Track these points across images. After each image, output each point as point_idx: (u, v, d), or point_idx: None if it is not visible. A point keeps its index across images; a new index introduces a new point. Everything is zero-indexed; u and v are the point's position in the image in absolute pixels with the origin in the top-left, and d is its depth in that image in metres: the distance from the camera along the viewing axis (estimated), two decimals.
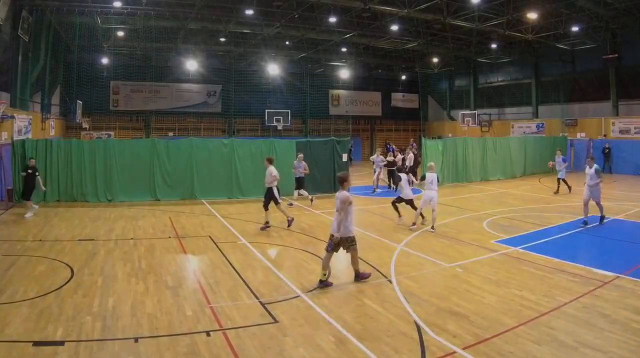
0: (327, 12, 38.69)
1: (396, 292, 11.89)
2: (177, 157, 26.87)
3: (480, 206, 25.05)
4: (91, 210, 23.35)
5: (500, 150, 37.74)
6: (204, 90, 57.49)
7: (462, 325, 9.80)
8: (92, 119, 50.91)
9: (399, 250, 16.07)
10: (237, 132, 57.52)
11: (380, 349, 8.77)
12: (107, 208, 24.13)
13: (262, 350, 8.79)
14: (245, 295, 11.74)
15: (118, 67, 51.62)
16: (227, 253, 15.65)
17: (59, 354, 8.48)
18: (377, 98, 65.64)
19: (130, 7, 35.62)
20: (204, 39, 49.43)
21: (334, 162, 28.91)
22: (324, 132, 60.24)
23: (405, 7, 34.94)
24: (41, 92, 39.28)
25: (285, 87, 58.81)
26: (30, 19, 32.99)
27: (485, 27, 39.62)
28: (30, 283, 12.24)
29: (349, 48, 52.06)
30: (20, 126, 30.35)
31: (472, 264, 14.33)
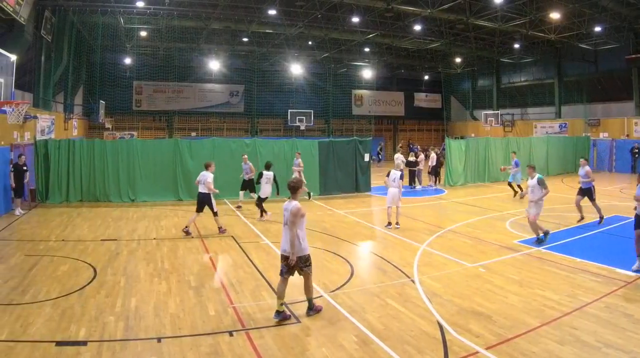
0: (350, 12, 38.70)
1: (419, 291, 11.88)
2: (199, 157, 26.75)
3: (502, 206, 25.02)
4: (114, 210, 23.45)
5: (523, 150, 37.43)
6: (227, 90, 57.58)
7: (484, 325, 9.79)
8: (114, 119, 51.00)
9: (421, 250, 16.03)
10: (259, 132, 57.55)
11: (403, 349, 8.76)
12: (130, 208, 24.23)
13: (284, 350, 8.80)
14: (268, 295, 11.77)
15: (141, 67, 51.69)
16: (250, 253, 15.70)
17: (82, 354, 8.53)
18: (400, 98, 65.47)
19: (153, 7, 35.72)
20: (227, 39, 49.56)
21: (356, 162, 28.90)
22: (347, 132, 60.22)
23: (428, 7, 34.90)
24: (64, 92, 39.43)
25: (308, 87, 58.87)
26: (53, 19, 33.15)
27: (508, 27, 39.49)
28: (53, 283, 12.30)
29: (372, 48, 52.03)
30: (43, 126, 30.41)
31: (495, 264, 14.31)
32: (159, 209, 23.52)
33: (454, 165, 33.13)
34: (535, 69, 54.51)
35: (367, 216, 22.67)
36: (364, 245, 17.26)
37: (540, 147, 39.45)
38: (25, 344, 8.84)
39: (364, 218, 21.65)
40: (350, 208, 22.92)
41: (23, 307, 10.63)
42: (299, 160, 25.58)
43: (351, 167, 28.87)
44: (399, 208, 20.06)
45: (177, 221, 21.27)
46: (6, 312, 10.37)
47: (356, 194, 28.09)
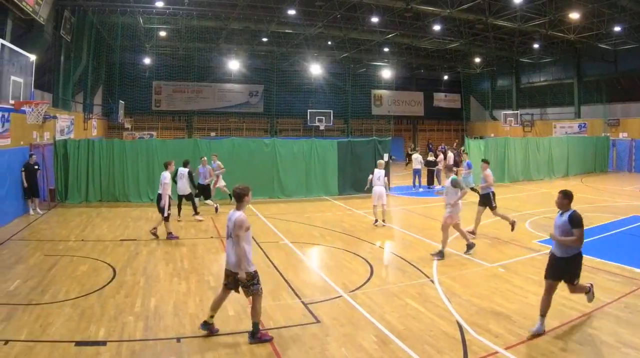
0: (369, 12, 38.66)
1: (438, 291, 11.91)
2: (219, 157, 26.48)
3: (522, 206, 24.96)
4: (133, 210, 23.53)
5: (542, 150, 37.44)
6: (246, 90, 57.61)
7: (504, 325, 9.81)
8: (134, 119, 51.35)
9: None
10: (279, 132, 57.57)
11: (422, 349, 8.79)
12: (149, 208, 24.17)
13: (304, 350, 8.86)
14: (288, 295, 11.82)
15: (160, 67, 51.88)
16: (269, 254, 15.71)
17: (101, 354, 8.60)
18: (420, 98, 65.35)
19: (172, 7, 35.82)
20: (246, 39, 49.59)
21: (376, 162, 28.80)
22: (366, 132, 60.01)
23: (447, 7, 34.90)
24: (83, 92, 39.59)
25: (328, 87, 58.83)
26: (72, 19, 33.30)
27: (527, 27, 39.41)
28: (73, 283, 12.38)
29: (391, 48, 52.03)
30: (62, 126, 30.44)
31: (514, 264, 14.33)
32: (199, 204, 23.57)
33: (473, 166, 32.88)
34: (554, 69, 54.27)
35: (387, 216, 22.68)
36: (384, 245, 17.26)
37: (559, 147, 39.23)
38: (44, 344, 8.91)
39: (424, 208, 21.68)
40: (370, 208, 22.92)
41: (42, 307, 10.70)
42: (217, 163, 24.35)
43: (371, 167, 28.73)
44: (385, 206, 20.28)
45: (195, 221, 21.30)
46: (26, 312, 10.46)
47: None
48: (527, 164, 36.34)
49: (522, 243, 16.90)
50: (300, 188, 27.48)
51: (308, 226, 20.08)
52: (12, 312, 10.41)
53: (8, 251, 15.40)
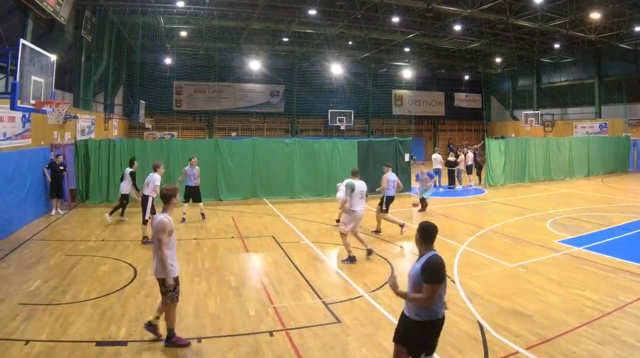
0: (390, 12, 38.56)
1: (459, 291, 11.89)
2: (239, 157, 27.04)
3: (543, 206, 24.81)
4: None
5: (563, 151, 37.35)
6: (267, 90, 57.67)
7: (524, 325, 9.79)
8: (155, 119, 51.45)
9: (461, 250, 16.06)
10: (300, 132, 57.57)
11: (443, 349, 8.74)
12: None
13: (324, 350, 8.88)
14: (308, 295, 11.83)
15: (181, 67, 51.96)
16: (290, 253, 15.74)
17: (122, 354, 8.66)
18: (440, 98, 65.12)
19: (193, 7, 35.88)
20: (267, 39, 49.62)
21: (397, 162, 28.85)
22: (387, 132, 59.98)
23: (468, 7, 34.79)
24: (104, 92, 39.68)
25: (348, 87, 58.68)
26: (93, 19, 33.42)
27: (548, 27, 39.21)
28: (93, 283, 12.44)
29: (412, 48, 51.84)
30: (83, 126, 30.60)
31: (535, 264, 14.27)
32: (199, 209, 23.64)
33: (493, 165, 33.00)
34: (575, 68, 54.01)
35: (407, 216, 22.66)
36: (404, 245, 17.22)
37: (580, 147, 39.09)
38: (65, 344, 8.97)
39: (404, 219, 21.53)
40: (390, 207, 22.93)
41: (63, 307, 10.77)
42: (196, 169, 21.67)
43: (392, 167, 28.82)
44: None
45: (216, 221, 21.37)
46: (46, 311, 10.52)
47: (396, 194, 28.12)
48: (548, 164, 36.27)
49: (543, 244, 16.78)
50: (321, 189, 27.49)
51: (329, 226, 20.09)
52: (33, 312, 10.48)
53: (29, 251, 15.50)
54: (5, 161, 17.93)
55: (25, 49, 13.81)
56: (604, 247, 16.03)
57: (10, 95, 13.30)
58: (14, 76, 13.22)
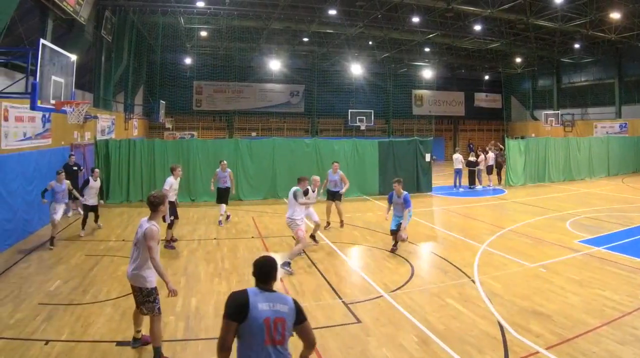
0: (410, 12, 38.56)
1: (479, 292, 11.93)
2: (259, 157, 27.12)
3: (563, 206, 24.75)
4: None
5: (583, 151, 37.24)
6: (287, 90, 57.57)
7: (545, 325, 9.80)
8: (175, 119, 51.70)
9: (482, 250, 16.07)
10: (320, 132, 57.61)
11: (463, 349, 8.83)
12: (190, 208, 24.34)
13: (345, 350, 8.92)
14: (329, 295, 11.88)
15: (201, 67, 52.01)
16: (310, 254, 15.78)
17: (143, 354, 8.75)
18: (460, 98, 64.83)
19: (213, 7, 35.91)
20: (287, 39, 49.62)
21: (417, 162, 28.88)
22: (407, 132, 59.75)
23: (488, 7, 34.75)
24: (124, 92, 39.79)
25: (369, 87, 58.56)
26: (113, 19, 33.53)
27: (568, 27, 39.04)
28: (114, 283, 12.54)
29: (432, 48, 51.81)
30: (103, 126, 30.68)
31: (555, 264, 14.25)
32: (219, 209, 23.71)
33: (513, 166, 32.93)
34: (595, 68, 53.73)
35: (428, 216, 22.65)
36: (425, 245, 17.22)
37: (600, 147, 38.93)
38: (85, 344, 9.06)
39: (425, 218, 21.61)
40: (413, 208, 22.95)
41: (84, 307, 10.86)
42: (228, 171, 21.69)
43: (412, 167, 28.79)
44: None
45: (237, 221, 21.42)
46: (67, 311, 10.62)
47: (417, 194, 28.00)
48: (568, 164, 36.18)
49: (564, 244, 16.77)
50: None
51: (349, 226, 20.05)
52: (53, 312, 10.58)
53: (49, 251, 15.59)
54: (26, 161, 18.04)
55: (45, 49, 13.84)
56: (624, 247, 16.00)
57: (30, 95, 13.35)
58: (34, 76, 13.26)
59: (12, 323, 9.77)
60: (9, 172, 16.53)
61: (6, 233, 16.25)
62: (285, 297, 5.74)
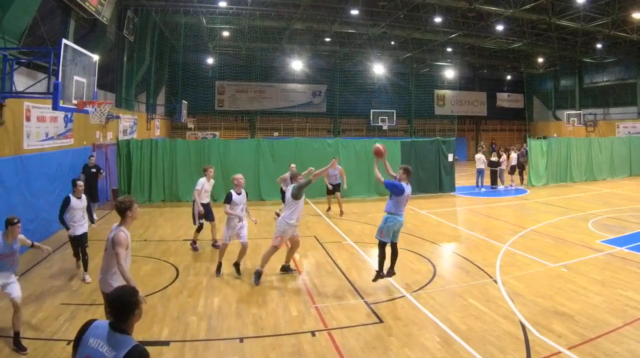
0: (432, 12, 38.56)
1: (501, 291, 11.93)
2: (281, 157, 27.08)
3: (585, 206, 24.70)
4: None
5: (604, 151, 37.15)
6: (309, 90, 57.67)
7: (567, 325, 9.80)
8: (197, 119, 51.70)
9: (504, 250, 16.05)
10: (342, 132, 57.57)
11: (485, 349, 8.84)
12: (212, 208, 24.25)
13: (367, 350, 8.91)
14: (351, 295, 11.89)
15: (223, 67, 52.04)
16: (333, 253, 15.85)
17: (165, 354, 8.79)
18: (483, 98, 64.60)
19: (235, 7, 35.98)
20: (309, 39, 49.70)
21: (440, 162, 28.87)
22: (429, 132, 59.67)
23: (510, 7, 34.69)
24: (146, 92, 40.03)
25: (391, 87, 58.50)
26: (135, 19, 33.70)
27: (590, 27, 38.86)
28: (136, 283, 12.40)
29: (454, 48, 51.72)
30: (125, 126, 30.85)
31: (578, 264, 14.24)
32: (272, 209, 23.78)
33: (535, 166, 32.91)
34: (617, 69, 53.47)
35: (451, 216, 22.64)
36: (447, 245, 17.22)
37: (622, 147, 38.82)
38: None
39: (447, 219, 21.60)
40: (433, 208, 22.86)
41: None
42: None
43: (434, 167, 28.77)
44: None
45: (259, 220, 21.20)
46: (89, 312, 10.68)
47: (440, 194, 27.97)
48: (590, 163, 36.09)
49: (586, 244, 16.75)
50: (362, 189, 27.49)
51: (371, 226, 19.86)
52: (75, 312, 10.67)
53: (71, 251, 15.64)
54: (48, 161, 18.16)
55: (67, 49, 13.86)
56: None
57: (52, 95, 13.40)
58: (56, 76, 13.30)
59: (35, 324, 9.84)
60: (31, 172, 16.62)
61: (28, 233, 16.18)
62: (125, 345, 4.56)
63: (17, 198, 15.52)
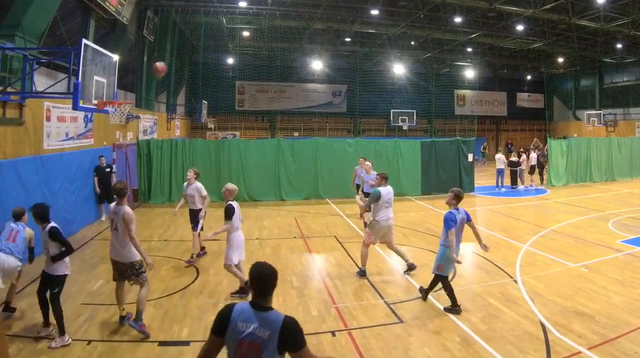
0: (452, 12, 38.51)
1: (521, 292, 11.97)
2: (301, 157, 27.21)
3: (605, 206, 24.66)
4: (215, 211, 22.51)
5: (624, 150, 37.06)
6: (329, 90, 57.65)
7: (587, 325, 9.82)
8: (217, 119, 52.03)
9: (524, 250, 16.08)
10: (362, 132, 57.55)
11: (506, 349, 8.87)
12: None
13: (387, 350, 8.96)
14: (371, 295, 11.94)
15: (243, 67, 52.12)
16: (353, 254, 15.78)
17: (184, 354, 8.86)
18: (503, 98, 64.42)
19: (255, 7, 36.06)
20: (329, 39, 49.65)
21: (460, 162, 28.90)
22: (449, 132, 59.61)
23: (530, 7, 34.60)
24: (166, 92, 40.05)
25: (411, 87, 58.44)
26: (155, 19, 33.79)
27: (610, 27, 38.69)
28: (156, 283, 12.58)
29: (474, 48, 51.61)
30: (145, 126, 30.89)
31: (598, 264, 14.24)
32: (261, 209, 23.73)
33: (555, 166, 32.82)
34: (637, 69, 53.09)
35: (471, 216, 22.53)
36: (467, 245, 17.04)
37: None
38: (127, 344, 9.21)
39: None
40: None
41: (125, 306, 10.81)
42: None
43: (454, 167, 28.77)
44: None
45: (279, 221, 21.52)
46: (109, 311, 10.78)
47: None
48: (610, 164, 36.02)
49: (606, 244, 16.75)
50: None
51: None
52: (95, 312, 10.78)
53: (91, 251, 15.75)
54: (68, 161, 18.29)
55: (87, 49, 13.88)
56: None
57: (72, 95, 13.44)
58: (76, 76, 13.33)
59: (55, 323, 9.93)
60: (51, 172, 16.75)
61: None
62: (275, 320, 4.82)
63: (38, 198, 15.57)
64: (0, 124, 13.62)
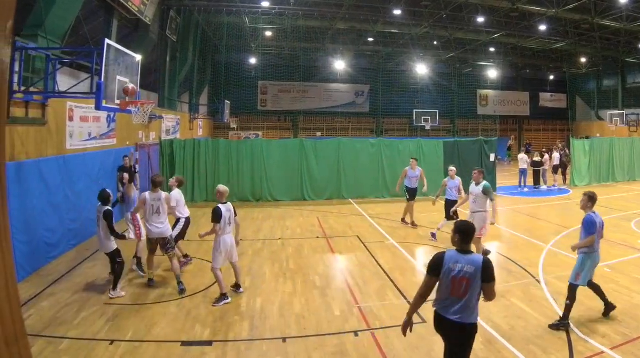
0: (475, 12, 38.54)
1: (544, 291, 12.00)
2: (324, 157, 27.20)
3: (628, 206, 24.60)
4: (238, 210, 23.39)
5: None
6: (352, 90, 57.69)
7: (610, 325, 9.84)
8: (239, 119, 52.11)
9: (546, 250, 16.06)
10: (385, 132, 57.62)
11: (528, 349, 8.90)
12: (255, 208, 24.48)
13: (410, 350, 9.01)
14: (393, 295, 11.98)
15: (266, 67, 52.33)
16: (375, 254, 15.84)
17: (207, 354, 8.90)
18: (525, 98, 64.20)
19: (278, 7, 36.13)
20: (352, 39, 49.76)
21: (482, 162, 28.68)
22: (472, 132, 59.59)
23: (553, 7, 34.56)
24: (189, 92, 40.28)
25: (433, 87, 58.33)
26: (178, 19, 33.99)
27: (633, 27, 38.49)
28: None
29: (497, 48, 51.39)
30: (168, 126, 31.03)
31: (621, 264, 14.25)
32: (284, 209, 23.79)
33: (578, 166, 32.72)
34: None
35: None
36: (490, 245, 17.09)
37: None
38: (150, 344, 9.26)
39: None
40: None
41: (148, 307, 11.12)
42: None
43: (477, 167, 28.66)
44: None
45: (302, 221, 21.55)
46: (132, 312, 10.88)
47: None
48: (633, 163, 35.87)
49: (629, 244, 16.74)
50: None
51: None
52: (118, 312, 10.85)
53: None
54: (91, 161, 18.37)
55: (110, 49, 13.93)
56: None
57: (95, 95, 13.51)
58: (99, 76, 13.40)
59: (77, 323, 10.05)
60: (74, 172, 16.87)
61: (71, 233, 16.48)
62: (476, 259, 6.56)
63: (61, 197, 15.70)
64: (23, 124, 13.70)
